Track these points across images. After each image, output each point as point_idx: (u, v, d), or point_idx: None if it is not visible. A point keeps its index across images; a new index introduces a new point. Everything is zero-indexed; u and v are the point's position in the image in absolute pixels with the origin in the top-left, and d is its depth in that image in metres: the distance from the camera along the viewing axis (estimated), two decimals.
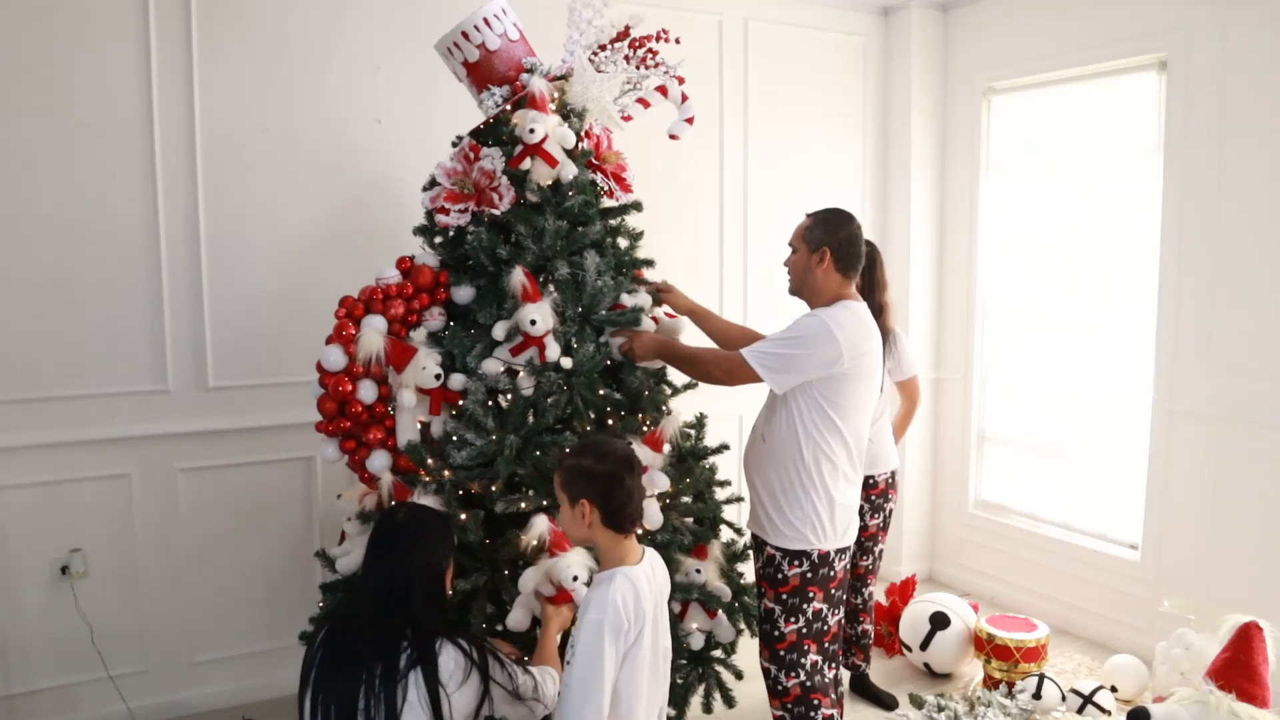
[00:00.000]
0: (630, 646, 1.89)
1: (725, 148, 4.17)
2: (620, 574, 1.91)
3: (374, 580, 1.95)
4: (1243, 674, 2.63)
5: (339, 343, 2.61)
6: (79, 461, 3.07)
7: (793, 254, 2.60)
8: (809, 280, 2.56)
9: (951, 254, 4.55)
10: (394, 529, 2.00)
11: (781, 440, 2.51)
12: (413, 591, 1.92)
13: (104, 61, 3.01)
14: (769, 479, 2.53)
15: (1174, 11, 3.52)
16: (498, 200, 2.71)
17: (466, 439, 2.61)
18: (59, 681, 3.09)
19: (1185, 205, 3.53)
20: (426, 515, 2.08)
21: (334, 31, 3.34)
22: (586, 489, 1.93)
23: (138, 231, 3.11)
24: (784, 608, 2.49)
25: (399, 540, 1.97)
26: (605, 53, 2.87)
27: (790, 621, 2.49)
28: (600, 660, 1.83)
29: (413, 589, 1.93)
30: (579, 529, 1.97)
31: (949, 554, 4.65)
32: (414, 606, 1.91)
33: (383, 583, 1.94)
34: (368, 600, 1.94)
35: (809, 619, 2.49)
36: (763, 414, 2.64)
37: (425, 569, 1.97)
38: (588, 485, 1.93)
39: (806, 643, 2.50)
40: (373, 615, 1.91)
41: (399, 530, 1.99)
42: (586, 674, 1.83)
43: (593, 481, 1.92)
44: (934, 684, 3.57)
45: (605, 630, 1.84)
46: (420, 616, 1.92)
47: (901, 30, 4.46)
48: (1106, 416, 3.99)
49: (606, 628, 1.84)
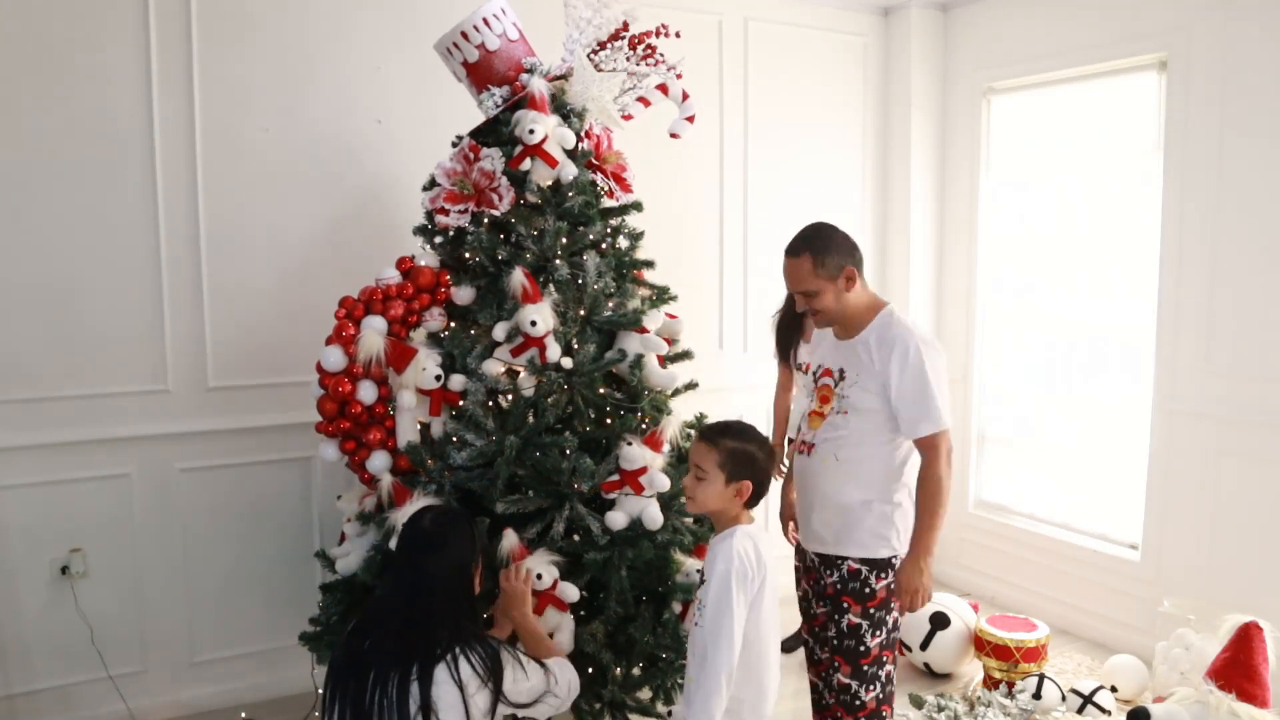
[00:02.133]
0: (755, 594, 2.07)
1: (725, 147, 4.16)
2: (740, 530, 2.12)
3: (403, 586, 2.00)
4: (1243, 674, 2.63)
5: (339, 343, 2.60)
6: (79, 461, 3.07)
7: (818, 296, 2.35)
8: (847, 308, 2.37)
9: (951, 254, 4.55)
10: (421, 535, 2.04)
11: (867, 454, 2.35)
12: (437, 598, 1.97)
13: (104, 62, 3.01)
14: (847, 495, 2.36)
15: (1174, 11, 3.51)
16: (498, 201, 2.71)
17: (466, 439, 2.61)
18: (59, 681, 3.09)
19: (1185, 205, 3.53)
20: (452, 519, 2.11)
21: (334, 31, 3.34)
22: (751, 472, 2.14)
23: (138, 231, 3.11)
24: (871, 622, 2.36)
25: (427, 546, 2.01)
26: (605, 51, 2.87)
27: (875, 635, 2.37)
28: (730, 606, 2.02)
29: (437, 596, 1.97)
30: (724, 500, 2.15)
31: (949, 554, 4.65)
32: (438, 613, 1.96)
33: (410, 589, 1.98)
34: (397, 604, 1.98)
35: (890, 629, 2.40)
36: (822, 432, 2.41)
37: (454, 573, 2.02)
38: (752, 470, 2.15)
39: (885, 654, 2.41)
40: (399, 620, 1.95)
41: (426, 536, 2.02)
42: (718, 621, 2.02)
43: (756, 468, 2.15)
44: (934, 684, 3.58)
45: (732, 579, 2.04)
46: (443, 623, 1.96)
47: (901, 30, 4.46)
48: (1106, 416, 3.99)
49: (733, 577, 2.04)
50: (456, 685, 1.91)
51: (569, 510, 2.57)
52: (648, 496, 2.61)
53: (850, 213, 4.52)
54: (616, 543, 2.59)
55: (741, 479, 2.13)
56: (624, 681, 2.61)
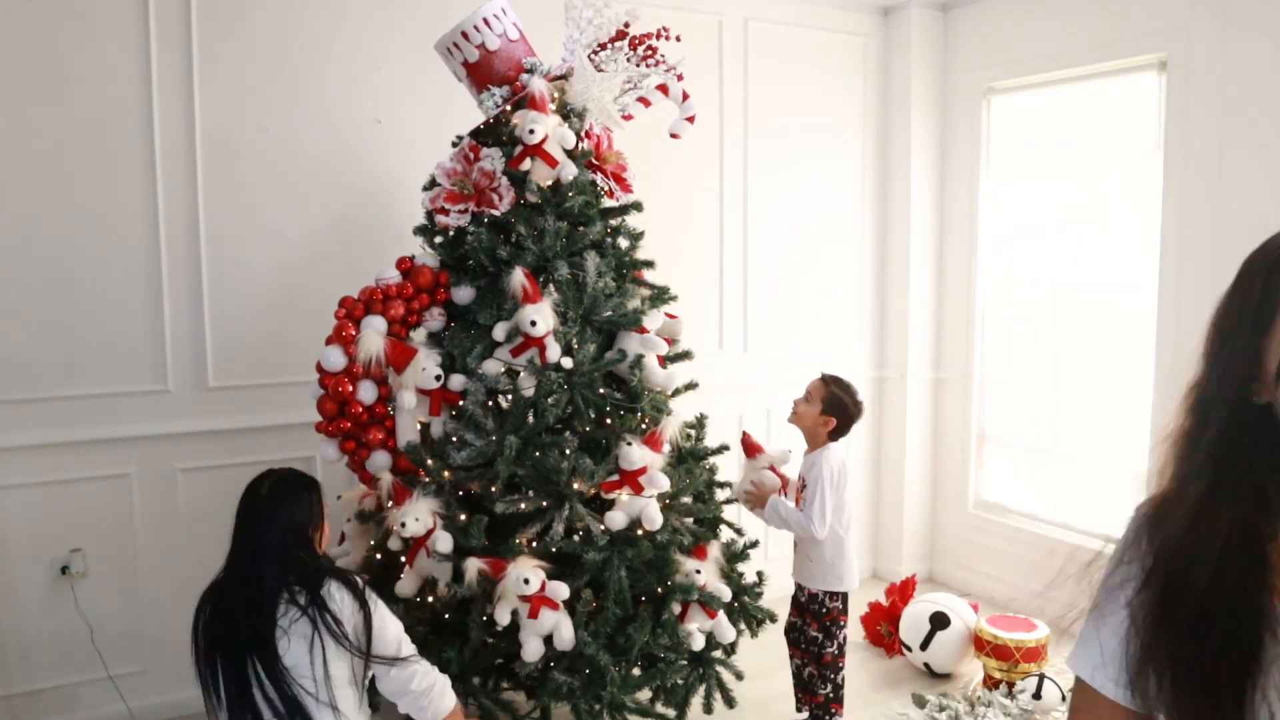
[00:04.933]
0: (840, 497, 2.92)
1: (725, 147, 4.16)
2: (832, 447, 2.96)
3: (243, 551, 2.05)
4: None
5: (339, 343, 2.61)
6: (79, 461, 3.07)
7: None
8: None
9: (951, 254, 4.54)
10: (257, 501, 2.08)
11: None
12: (287, 550, 2.03)
13: (104, 61, 3.01)
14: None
15: (1174, 11, 3.51)
16: (498, 201, 2.71)
17: (466, 439, 2.61)
18: (59, 681, 3.09)
19: (1185, 205, 3.53)
20: (290, 484, 2.14)
21: (334, 31, 3.34)
22: (838, 413, 2.96)
23: (138, 231, 3.11)
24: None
25: (262, 512, 2.06)
26: (605, 51, 2.87)
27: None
28: (826, 500, 2.87)
29: (287, 550, 2.03)
30: (815, 424, 2.97)
31: (949, 554, 4.65)
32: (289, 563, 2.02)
33: (251, 553, 2.03)
34: (240, 567, 2.03)
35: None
36: None
37: (290, 534, 2.06)
38: (840, 412, 2.96)
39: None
40: (245, 580, 2.01)
41: (262, 502, 2.08)
42: (818, 508, 2.86)
43: (844, 412, 2.97)
44: (934, 684, 3.58)
45: (827, 480, 2.87)
46: (296, 569, 2.01)
47: (901, 30, 4.46)
48: (1106, 416, 3.98)
49: (827, 480, 2.87)
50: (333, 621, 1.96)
51: (568, 510, 2.57)
52: (647, 496, 2.61)
53: (850, 212, 4.52)
54: (616, 543, 2.60)
55: (830, 415, 2.95)
56: (623, 682, 2.61)
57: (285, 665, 1.93)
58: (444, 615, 2.59)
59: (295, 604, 1.96)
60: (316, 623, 1.95)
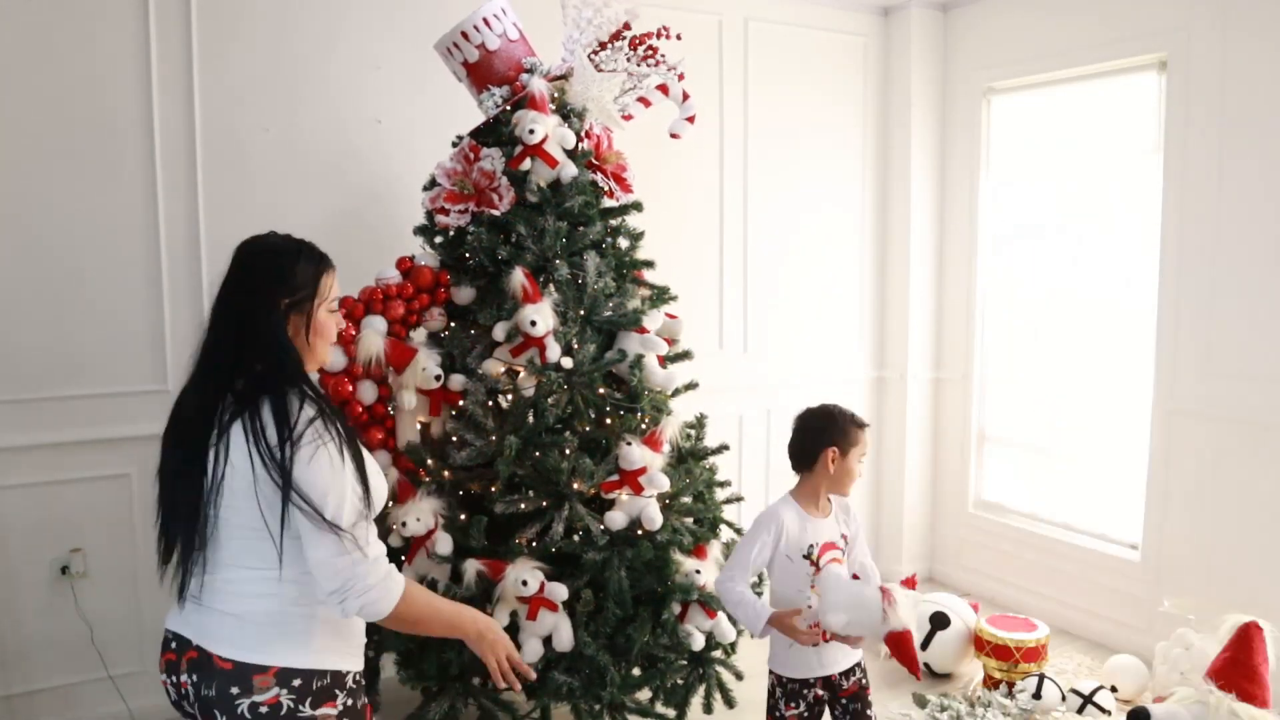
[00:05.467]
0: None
1: (725, 147, 4.16)
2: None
3: (217, 328, 1.65)
4: (1243, 674, 2.63)
5: (339, 343, 2.61)
6: (79, 461, 3.07)
7: None
8: None
9: (951, 254, 4.54)
10: (239, 264, 1.71)
11: None
12: (230, 333, 1.62)
13: (104, 61, 3.01)
14: None
15: (1174, 11, 3.51)
16: (498, 201, 2.71)
17: (466, 439, 2.61)
18: (59, 681, 3.09)
19: (1185, 205, 3.53)
20: (283, 248, 1.76)
21: (334, 31, 3.34)
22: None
23: (138, 231, 3.11)
24: None
25: (224, 281, 1.68)
26: (605, 51, 2.87)
27: None
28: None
29: (229, 330, 1.63)
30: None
31: (949, 554, 4.65)
32: (237, 351, 1.61)
33: (230, 327, 1.63)
34: (198, 352, 1.67)
35: None
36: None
37: (273, 309, 1.65)
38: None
39: None
40: (196, 368, 1.66)
41: (239, 265, 1.70)
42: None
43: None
44: (934, 684, 3.57)
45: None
46: (250, 363, 1.60)
47: (901, 30, 4.46)
48: (1106, 416, 3.98)
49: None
50: (248, 448, 1.53)
51: (568, 510, 2.58)
52: (647, 496, 2.61)
53: (850, 212, 4.52)
54: (616, 543, 2.60)
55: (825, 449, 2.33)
56: (623, 682, 2.62)
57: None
58: None
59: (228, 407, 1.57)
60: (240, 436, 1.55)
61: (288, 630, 1.56)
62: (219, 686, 1.51)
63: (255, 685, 1.51)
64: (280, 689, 1.51)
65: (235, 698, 1.50)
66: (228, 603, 1.57)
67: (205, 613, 1.58)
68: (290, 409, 1.55)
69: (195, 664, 1.56)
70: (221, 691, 1.50)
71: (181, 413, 1.68)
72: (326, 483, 1.53)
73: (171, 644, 1.62)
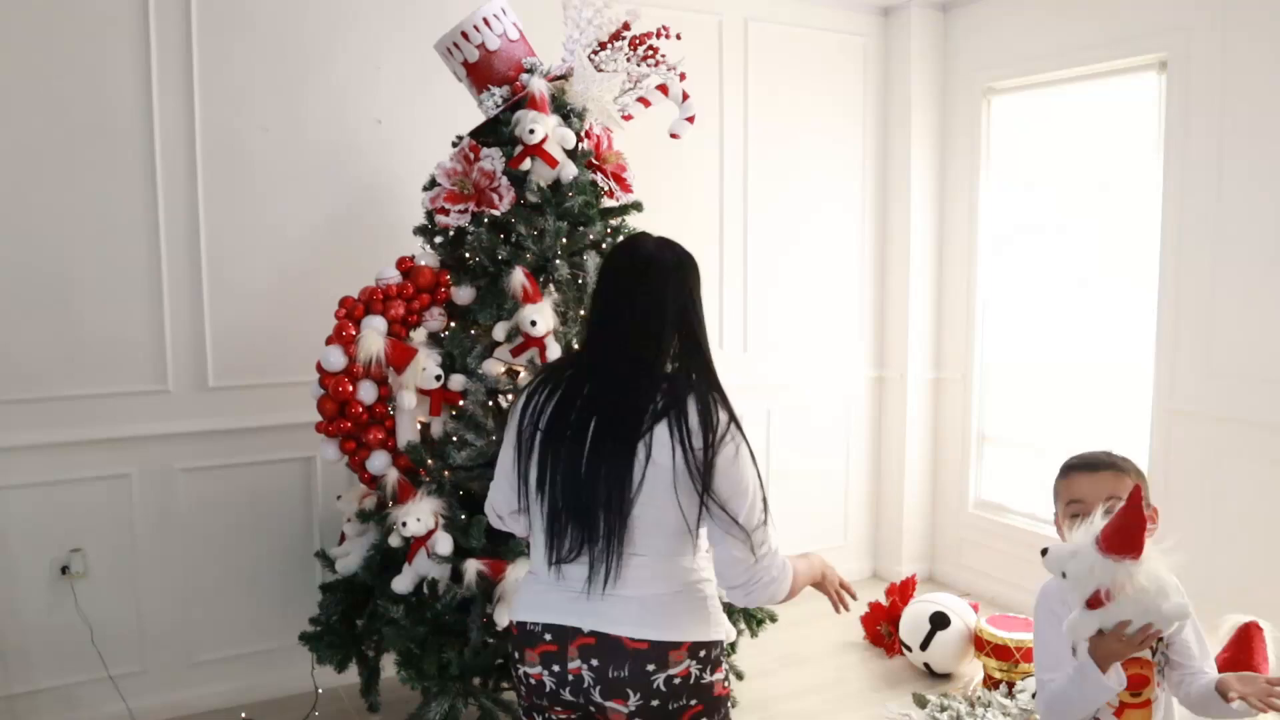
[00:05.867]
0: None
1: (725, 147, 4.16)
2: None
3: (623, 315, 1.67)
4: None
5: (339, 343, 2.61)
6: (79, 461, 3.07)
7: None
8: None
9: (951, 254, 4.54)
10: (646, 257, 1.72)
11: None
12: (667, 327, 1.67)
13: (104, 61, 3.01)
14: None
15: (1174, 11, 3.51)
16: (498, 200, 2.71)
17: (466, 439, 2.61)
18: (59, 681, 3.09)
19: (1185, 205, 3.53)
20: (676, 244, 1.79)
21: (334, 31, 3.34)
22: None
23: (138, 231, 3.11)
24: None
25: (653, 270, 1.71)
26: (605, 51, 2.87)
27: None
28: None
29: (666, 324, 1.66)
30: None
31: (949, 554, 4.65)
32: (667, 346, 1.66)
33: (637, 316, 1.66)
34: (614, 340, 1.66)
35: None
36: None
37: (686, 302, 1.71)
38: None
39: None
40: (621, 357, 1.64)
41: (650, 258, 1.74)
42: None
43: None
44: (934, 684, 3.58)
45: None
46: (672, 358, 1.66)
47: (901, 30, 4.46)
48: (1106, 416, 3.98)
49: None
50: (683, 434, 1.58)
51: None
52: None
53: (850, 213, 4.52)
54: None
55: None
56: None
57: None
58: (444, 616, 2.59)
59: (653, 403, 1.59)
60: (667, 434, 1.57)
61: (694, 609, 1.66)
62: (632, 667, 1.61)
63: (670, 660, 1.61)
64: (690, 661, 1.63)
65: (651, 674, 1.61)
66: (639, 588, 1.63)
67: (610, 601, 1.63)
68: (713, 411, 1.61)
69: (593, 650, 1.63)
70: (635, 671, 1.61)
71: (597, 407, 1.64)
72: (744, 484, 1.61)
73: (545, 636, 1.66)
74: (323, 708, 3.28)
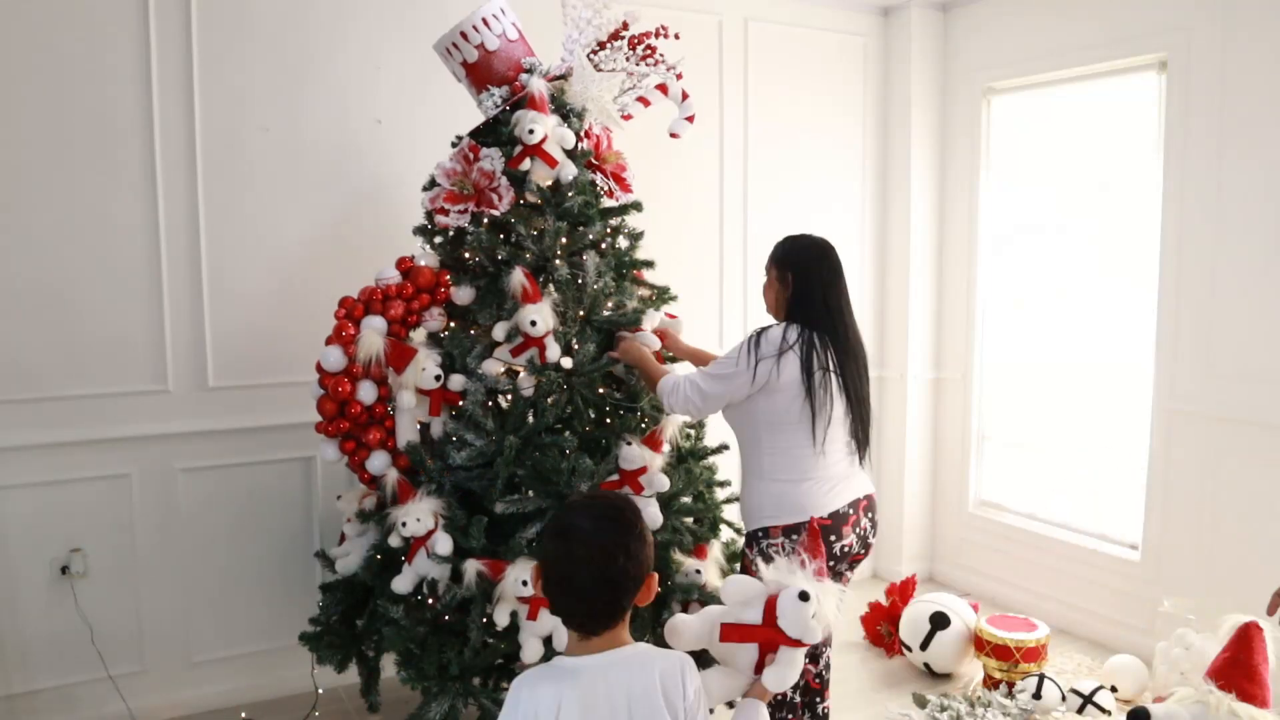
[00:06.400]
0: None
1: (725, 147, 4.16)
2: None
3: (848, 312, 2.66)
4: (1243, 674, 2.62)
5: (339, 343, 2.61)
6: (79, 461, 3.07)
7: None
8: None
9: (951, 254, 4.55)
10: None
11: None
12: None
13: (104, 62, 3.01)
14: None
15: (1174, 11, 3.51)
16: (497, 201, 2.71)
17: (466, 439, 2.61)
18: (59, 681, 3.09)
19: (1185, 205, 3.53)
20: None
21: (334, 31, 3.34)
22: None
23: (138, 232, 3.11)
24: None
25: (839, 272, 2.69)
26: (604, 51, 2.87)
27: None
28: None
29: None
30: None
31: (949, 554, 4.65)
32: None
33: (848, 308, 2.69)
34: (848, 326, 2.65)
35: None
36: None
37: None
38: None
39: None
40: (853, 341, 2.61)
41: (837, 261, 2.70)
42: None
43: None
44: (934, 684, 3.57)
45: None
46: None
47: (901, 30, 4.46)
48: (1106, 416, 3.99)
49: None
50: None
51: None
52: (647, 496, 2.61)
53: (850, 212, 4.52)
54: None
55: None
56: None
57: None
58: (443, 616, 2.59)
59: None
60: None
61: None
62: (875, 515, 2.53)
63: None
64: None
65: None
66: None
67: (865, 471, 2.51)
68: None
69: (871, 505, 2.51)
70: (875, 515, 2.54)
71: (844, 346, 2.56)
72: None
73: (848, 508, 2.41)
74: (323, 708, 3.28)
